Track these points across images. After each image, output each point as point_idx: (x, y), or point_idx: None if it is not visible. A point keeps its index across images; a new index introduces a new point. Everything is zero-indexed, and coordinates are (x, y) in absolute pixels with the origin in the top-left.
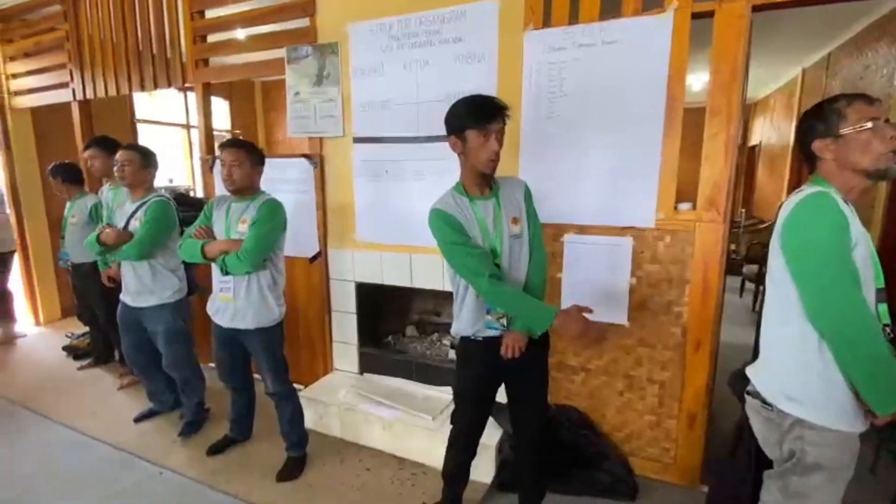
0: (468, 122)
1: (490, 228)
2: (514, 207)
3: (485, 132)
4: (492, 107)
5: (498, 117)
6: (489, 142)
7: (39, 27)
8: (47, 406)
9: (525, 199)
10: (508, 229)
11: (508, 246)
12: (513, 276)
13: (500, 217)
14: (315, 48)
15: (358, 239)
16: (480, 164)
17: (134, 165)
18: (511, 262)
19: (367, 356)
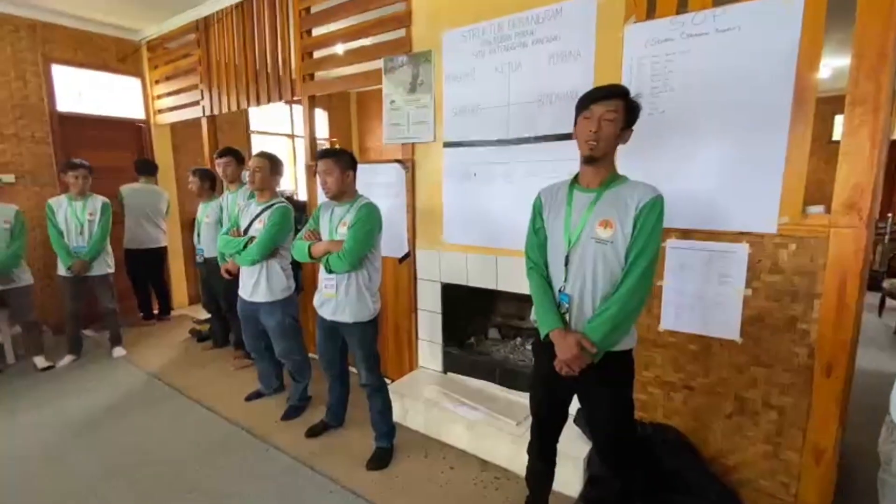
0: (577, 108)
1: (574, 221)
2: (615, 211)
3: (587, 114)
4: (598, 89)
5: (604, 100)
6: (590, 122)
7: (177, 54)
8: (177, 381)
9: (641, 211)
10: (593, 230)
11: (584, 246)
12: (580, 281)
13: (588, 213)
14: (410, 57)
15: (445, 240)
16: (580, 146)
17: (264, 171)
18: (584, 264)
19: (450, 356)
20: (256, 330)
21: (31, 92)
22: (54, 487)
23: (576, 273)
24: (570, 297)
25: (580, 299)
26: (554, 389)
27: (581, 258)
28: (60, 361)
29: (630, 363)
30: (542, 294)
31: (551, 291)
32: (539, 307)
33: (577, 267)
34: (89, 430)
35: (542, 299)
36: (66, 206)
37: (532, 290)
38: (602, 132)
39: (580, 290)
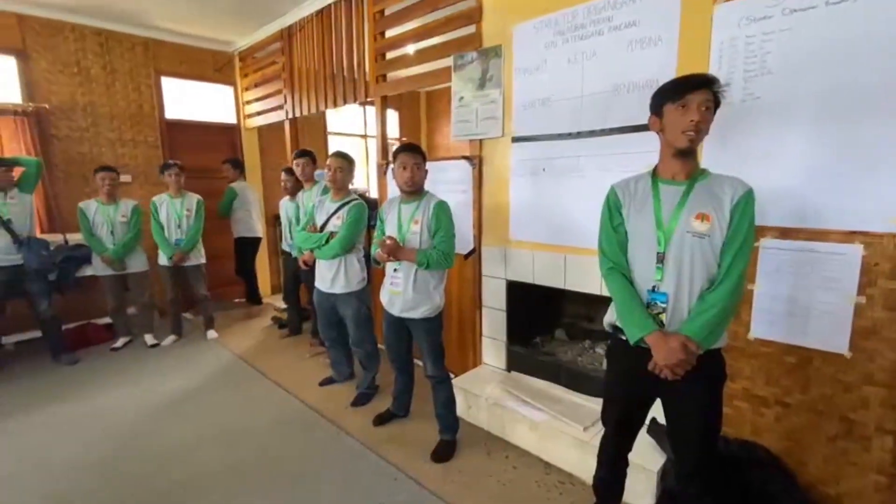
0: (666, 97)
1: (665, 216)
2: (709, 204)
3: (683, 102)
4: (693, 77)
5: (701, 88)
6: (687, 111)
7: (264, 62)
8: (260, 363)
9: (737, 205)
10: (688, 223)
11: (680, 240)
12: (677, 278)
13: (681, 207)
14: (479, 53)
15: (511, 237)
16: (675, 138)
17: (343, 171)
18: (682, 260)
19: (514, 354)
20: (332, 319)
21: (144, 101)
22: (157, 449)
23: (672, 270)
24: (667, 296)
25: (677, 297)
26: (636, 393)
27: (678, 254)
28: (165, 340)
29: (723, 360)
30: (629, 295)
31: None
32: (626, 310)
33: (673, 263)
34: (187, 401)
35: (629, 301)
36: (167, 203)
37: (614, 292)
38: (702, 122)
39: (677, 288)
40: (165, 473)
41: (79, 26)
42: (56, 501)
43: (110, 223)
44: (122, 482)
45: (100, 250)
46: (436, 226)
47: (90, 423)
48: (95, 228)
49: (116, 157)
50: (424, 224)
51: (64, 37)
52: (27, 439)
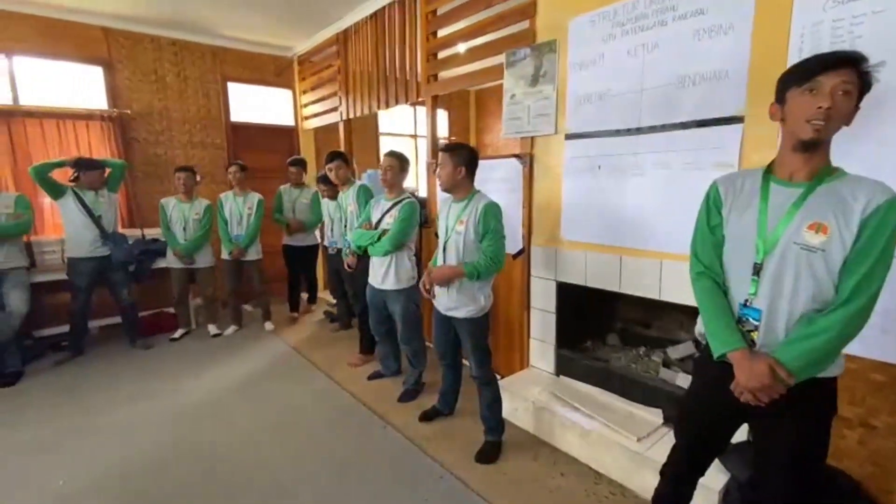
0: (791, 80)
1: (771, 221)
2: (831, 212)
3: (812, 86)
4: (828, 56)
5: (839, 68)
6: (817, 96)
7: (321, 66)
8: (312, 355)
9: (872, 215)
10: (798, 233)
11: (784, 252)
12: (775, 295)
13: (793, 213)
14: (533, 49)
15: (563, 237)
16: (798, 128)
17: (394, 170)
18: (782, 275)
19: (564, 358)
20: (382, 315)
21: (212, 106)
22: (215, 431)
23: (770, 285)
24: (760, 313)
25: (772, 316)
26: (720, 415)
27: (779, 267)
28: (227, 330)
29: (833, 394)
30: (717, 304)
31: (729, 301)
32: (712, 319)
33: (772, 277)
34: (247, 388)
35: (716, 310)
36: (231, 201)
37: (700, 299)
38: (835, 109)
39: (773, 306)
40: (223, 456)
41: (156, 37)
42: (127, 467)
43: (184, 220)
44: (182, 459)
45: (173, 244)
46: (483, 228)
47: (160, 403)
48: (171, 224)
49: (187, 158)
50: (471, 225)
51: (143, 48)
52: (108, 415)
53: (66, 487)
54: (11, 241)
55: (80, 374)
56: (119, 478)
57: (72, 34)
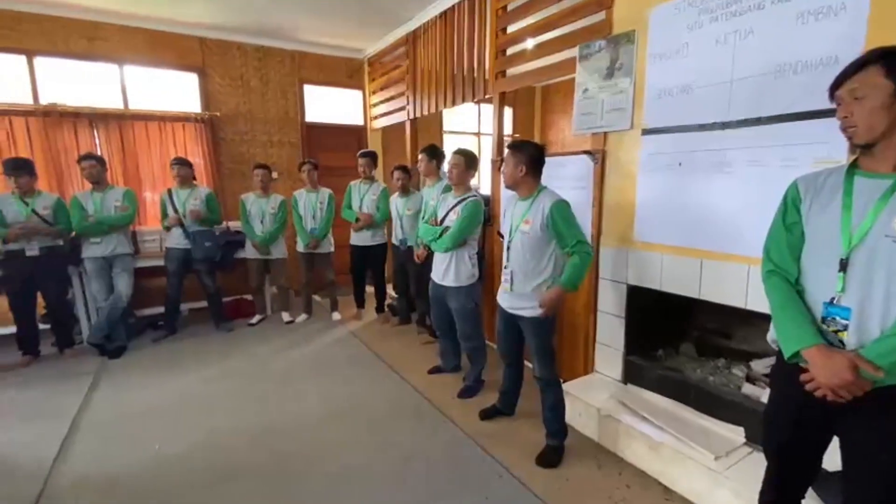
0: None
1: (856, 215)
2: None
3: (836, 102)
4: (841, 72)
5: (847, 79)
6: (840, 109)
7: (390, 66)
8: (375, 346)
9: None
10: (888, 225)
11: (874, 245)
12: (866, 291)
13: (882, 205)
14: (609, 41)
15: (636, 238)
16: None
17: (460, 168)
18: (873, 269)
19: (633, 366)
20: (443, 310)
21: (289, 107)
22: (292, 416)
23: (860, 280)
24: (849, 312)
25: (863, 314)
26: (805, 427)
27: (869, 262)
28: (298, 318)
29: None
30: (789, 302)
31: (801, 300)
32: (784, 319)
33: (862, 273)
34: (316, 373)
35: (789, 309)
36: (305, 196)
37: (771, 299)
38: (854, 117)
39: (863, 302)
40: (293, 435)
41: (243, 45)
42: (212, 438)
43: (262, 213)
44: (259, 436)
45: (252, 236)
46: (554, 230)
47: (240, 382)
48: (250, 217)
49: (267, 156)
50: (538, 225)
51: (232, 55)
52: (197, 390)
53: (161, 451)
54: (119, 231)
55: (173, 350)
56: (204, 447)
57: (172, 45)
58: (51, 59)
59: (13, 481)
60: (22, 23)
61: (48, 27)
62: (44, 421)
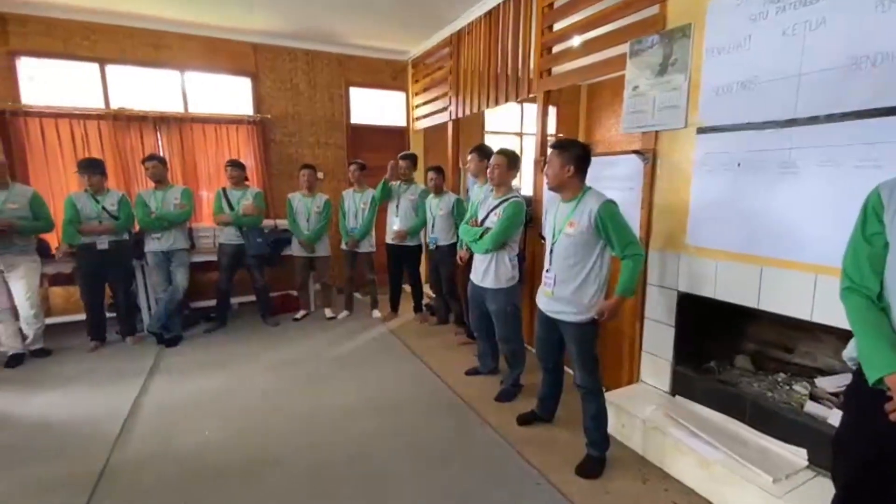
0: None
1: None
2: None
3: None
4: None
5: None
6: None
7: (433, 67)
8: (412, 344)
9: None
10: None
11: None
12: None
13: None
14: (662, 36)
15: (689, 243)
16: None
17: (502, 168)
18: None
19: (682, 377)
20: (481, 312)
21: (335, 109)
22: (332, 409)
23: None
24: None
25: None
26: (885, 461)
27: None
28: (340, 314)
29: None
30: (870, 323)
31: (889, 320)
32: (865, 341)
33: None
34: (356, 368)
35: (870, 330)
36: (350, 196)
37: (851, 318)
38: None
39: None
40: (334, 427)
41: (293, 49)
42: (257, 426)
43: (307, 212)
44: (300, 427)
45: (297, 234)
46: (605, 232)
47: (284, 373)
48: (297, 216)
49: (314, 158)
50: (584, 228)
51: (282, 59)
52: (246, 380)
53: (209, 437)
54: (177, 227)
55: (223, 342)
56: (249, 435)
57: (228, 51)
58: (120, 66)
59: (81, 456)
60: (96, 34)
61: (118, 37)
62: (108, 402)
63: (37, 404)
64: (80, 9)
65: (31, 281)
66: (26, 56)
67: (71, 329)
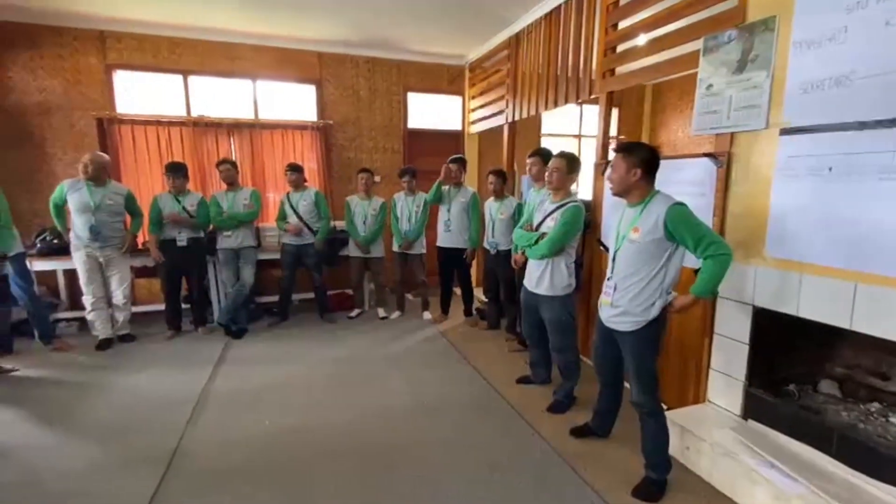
0: None
1: None
2: None
3: None
4: None
5: None
6: None
7: (490, 71)
8: (463, 347)
9: None
10: None
11: None
12: None
13: None
14: (742, 30)
15: (768, 254)
16: None
17: (561, 172)
18: None
19: (756, 400)
20: (535, 319)
21: (394, 114)
22: (384, 407)
23: None
24: None
25: None
26: None
27: None
28: (392, 314)
29: None
30: None
31: None
32: None
33: None
34: (407, 368)
35: None
36: (403, 200)
37: None
38: None
39: None
40: (386, 426)
41: (355, 57)
42: (314, 419)
43: (364, 215)
44: (354, 422)
45: (354, 236)
46: (679, 236)
47: (340, 369)
48: (354, 218)
49: (371, 161)
50: (651, 233)
51: (345, 67)
52: (304, 373)
53: (270, 428)
54: (246, 226)
55: (284, 336)
56: (306, 427)
57: (296, 60)
58: (200, 77)
59: (159, 435)
60: (180, 47)
61: (199, 50)
62: (181, 387)
63: (124, 384)
64: (168, 25)
65: (125, 273)
66: (121, 69)
67: (151, 317)
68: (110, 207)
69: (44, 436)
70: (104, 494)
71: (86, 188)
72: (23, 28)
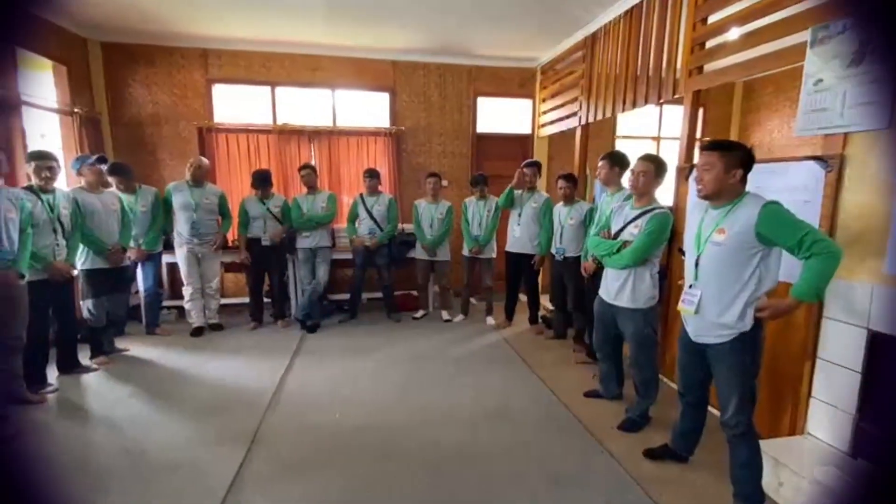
0: None
1: None
2: None
3: None
4: None
5: None
6: None
7: (563, 73)
8: (526, 355)
9: None
10: None
11: None
12: None
13: None
14: (859, 17)
15: (888, 271)
16: None
17: (648, 175)
18: None
19: (869, 437)
20: (609, 333)
21: (463, 119)
22: (448, 411)
23: None
24: None
25: None
26: None
27: None
28: (456, 318)
29: None
30: None
31: None
32: None
33: None
34: (470, 373)
35: None
36: (474, 205)
37: None
38: None
39: None
40: (449, 431)
41: (427, 64)
42: (380, 417)
43: (431, 219)
44: (420, 424)
45: (421, 239)
46: (775, 237)
47: (404, 368)
48: (421, 221)
49: (440, 166)
50: (738, 235)
51: (417, 74)
52: (371, 369)
53: (340, 419)
54: (323, 227)
55: (353, 332)
56: (372, 425)
57: (371, 69)
58: (285, 87)
59: (242, 417)
60: (270, 61)
61: (286, 63)
62: (262, 375)
63: (214, 367)
64: (261, 41)
65: (217, 267)
66: (219, 83)
67: (236, 309)
68: (207, 206)
69: (149, 411)
70: (197, 467)
71: (187, 189)
72: (142, 49)
